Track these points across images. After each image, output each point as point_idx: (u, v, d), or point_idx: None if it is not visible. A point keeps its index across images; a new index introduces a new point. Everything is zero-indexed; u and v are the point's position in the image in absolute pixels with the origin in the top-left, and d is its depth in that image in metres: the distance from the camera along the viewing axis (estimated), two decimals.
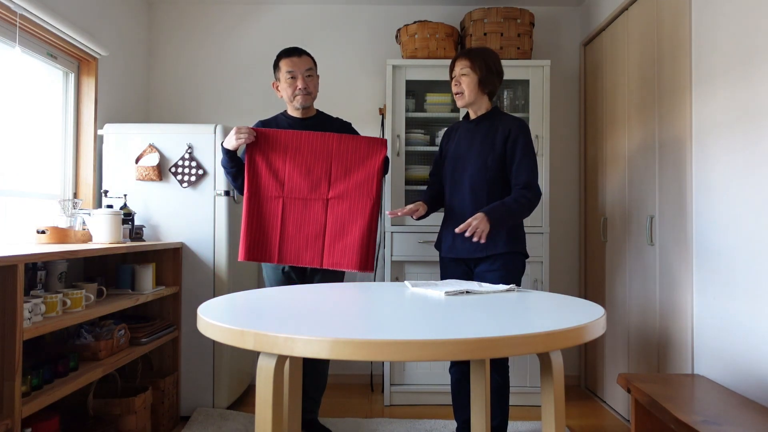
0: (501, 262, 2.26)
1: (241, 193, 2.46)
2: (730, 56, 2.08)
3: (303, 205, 2.38)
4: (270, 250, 2.37)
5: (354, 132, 2.61)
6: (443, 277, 2.42)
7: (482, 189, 2.28)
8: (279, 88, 2.52)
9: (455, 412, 2.41)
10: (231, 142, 2.33)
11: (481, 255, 2.27)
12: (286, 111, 2.59)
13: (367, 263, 2.37)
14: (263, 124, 2.53)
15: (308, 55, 2.51)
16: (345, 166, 2.38)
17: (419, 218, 2.39)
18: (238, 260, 2.41)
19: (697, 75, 2.30)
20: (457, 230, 2.12)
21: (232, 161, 2.41)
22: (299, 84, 2.44)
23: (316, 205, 2.38)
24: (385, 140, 2.45)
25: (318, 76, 2.55)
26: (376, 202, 2.39)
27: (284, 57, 2.47)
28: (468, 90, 2.30)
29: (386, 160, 2.44)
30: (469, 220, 2.10)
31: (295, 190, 2.38)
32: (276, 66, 2.50)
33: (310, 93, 2.47)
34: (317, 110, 2.60)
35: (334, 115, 2.67)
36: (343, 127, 2.57)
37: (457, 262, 2.36)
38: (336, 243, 2.37)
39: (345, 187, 2.38)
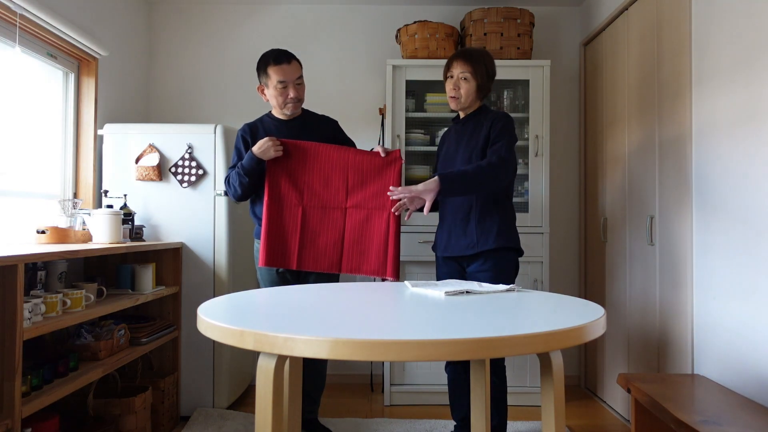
0: (492, 261, 2.24)
1: (237, 200, 2.48)
2: (730, 56, 2.08)
3: (322, 214, 2.41)
4: (289, 257, 2.39)
5: (339, 129, 2.61)
6: (438, 275, 2.43)
7: None
8: (265, 93, 2.46)
9: (452, 411, 2.42)
10: (269, 154, 2.31)
11: (471, 252, 2.26)
12: (270, 112, 2.55)
13: (386, 269, 2.38)
14: (249, 127, 2.50)
15: (296, 59, 2.43)
16: (361, 177, 2.42)
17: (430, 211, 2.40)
18: (259, 266, 2.43)
19: (697, 75, 2.30)
20: (394, 194, 2.15)
21: (259, 171, 2.38)
22: (291, 93, 2.39)
23: (335, 214, 2.41)
24: (398, 150, 2.47)
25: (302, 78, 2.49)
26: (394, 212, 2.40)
27: (273, 64, 2.38)
28: (466, 96, 2.29)
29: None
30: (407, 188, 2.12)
31: (314, 198, 2.41)
32: (263, 71, 2.41)
33: (300, 100, 2.45)
34: (303, 109, 2.56)
35: (335, 116, 2.67)
36: (329, 125, 2.57)
37: (450, 261, 2.36)
38: (354, 249, 2.41)
39: (362, 197, 2.41)
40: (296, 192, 2.40)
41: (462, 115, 2.38)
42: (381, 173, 2.43)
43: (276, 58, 2.39)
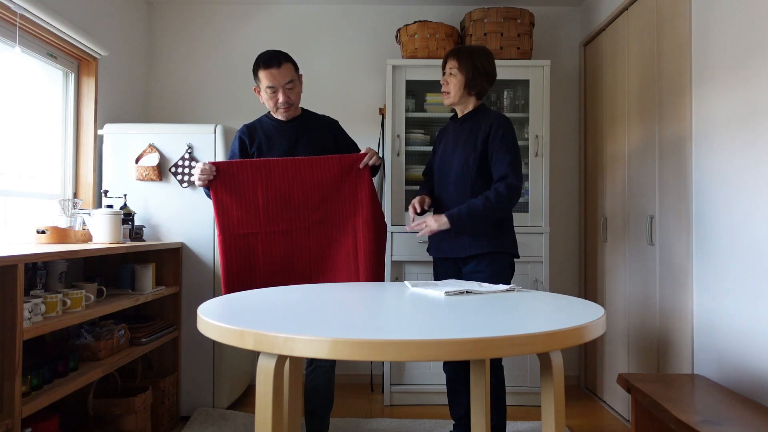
0: (486, 262, 2.25)
1: None
2: (730, 56, 2.08)
3: (285, 237, 2.23)
4: (255, 287, 2.20)
5: (340, 129, 2.53)
6: (435, 275, 2.43)
7: (466, 188, 2.27)
8: (260, 94, 2.40)
9: (451, 410, 2.42)
10: (198, 183, 2.21)
11: (464, 254, 2.27)
12: (269, 113, 2.49)
13: (360, 277, 2.25)
14: (248, 128, 2.44)
15: (288, 60, 2.33)
16: (321, 189, 2.26)
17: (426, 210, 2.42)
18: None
19: (697, 75, 2.30)
20: (408, 228, 2.27)
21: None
22: (280, 98, 2.32)
23: (298, 235, 2.24)
24: (360, 153, 2.30)
25: (300, 79, 2.41)
26: (364, 218, 2.27)
27: (263, 68, 2.29)
28: (454, 90, 2.31)
29: (374, 168, 2.34)
30: (424, 218, 2.19)
31: (272, 222, 2.22)
32: (255, 74, 2.35)
33: (292, 104, 2.36)
34: (302, 109, 2.50)
35: (335, 115, 2.64)
36: (329, 126, 2.50)
37: (447, 262, 2.36)
38: (323, 266, 2.26)
39: (325, 210, 2.26)
40: (250, 217, 2.20)
41: (459, 113, 2.38)
42: (342, 180, 2.27)
43: (266, 62, 2.30)
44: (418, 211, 2.32)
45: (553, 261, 3.60)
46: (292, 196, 2.25)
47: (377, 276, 2.28)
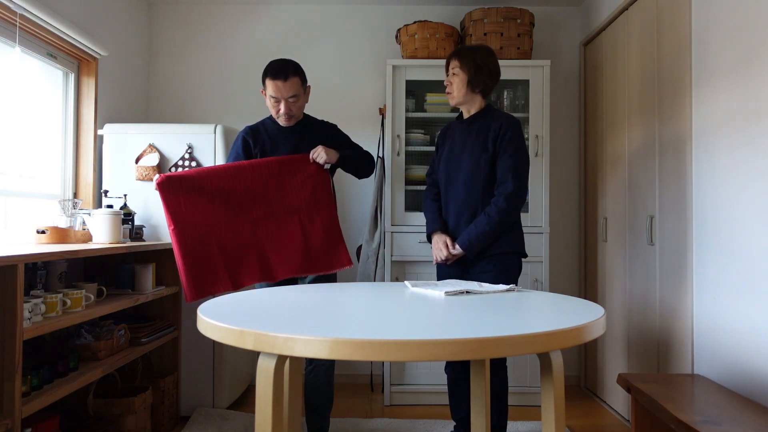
0: (495, 262, 2.25)
1: None
2: (730, 56, 2.08)
3: (235, 229, 2.30)
4: (219, 278, 2.23)
5: (339, 132, 2.57)
6: (439, 275, 2.42)
7: (477, 190, 2.27)
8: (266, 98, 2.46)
9: (452, 412, 2.42)
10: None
11: (473, 256, 2.27)
12: (272, 116, 2.53)
13: (321, 264, 2.34)
14: (251, 129, 2.49)
15: (297, 74, 2.38)
16: (263, 184, 2.35)
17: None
18: (187, 302, 2.21)
19: (697, 75, 2.30)
20: (435, 263, 2.39)
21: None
22: (282, 109, 2.38)
23: (245, 228, 2.31)
24: (306, 156, 2.39)
25: (307, 91, 2.48)
26: (309, 212, 2.37)
27: (270, 78, 2.35)
28: (457, 90, 2.31)
29: (340, 161, 2.43)
30: (448, 254, 2.29)
31: (222, 214, 2.29)
32: (263, 80, 2.40)
33: (293, 116, 2.42)
34: (304, 114, 2.55)
35: (335, 115, 2.65)
36: (329, 130, 2.55)
37: (452, 262, 2.36)
38: (278, 254, 2.32)
39: (268, 204, 2.35)
40: (201, 212, 2.26)
41: (465, 113, 2.38)
42: (288, 175, 2.37)
43: (274, 73, 2.35)
44: (450, 254, 2.31)
45: (553, 261, 3.60)
46: (233, 192, 2.32)
47: (339, 259, 2.38)
